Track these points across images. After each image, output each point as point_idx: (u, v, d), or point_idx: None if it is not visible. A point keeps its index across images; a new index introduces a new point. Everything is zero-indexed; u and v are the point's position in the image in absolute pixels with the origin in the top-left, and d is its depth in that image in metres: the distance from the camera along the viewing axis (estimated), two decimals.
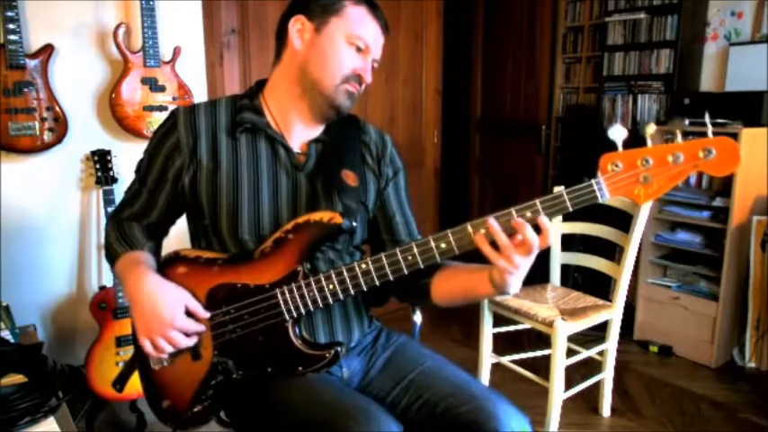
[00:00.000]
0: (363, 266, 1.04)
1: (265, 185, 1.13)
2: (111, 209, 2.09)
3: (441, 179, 3.60)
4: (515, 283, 0.99)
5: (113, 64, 2.22)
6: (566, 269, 2.63)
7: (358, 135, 1.24)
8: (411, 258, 1.01)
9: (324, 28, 1.11)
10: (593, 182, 0.93)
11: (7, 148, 2.00)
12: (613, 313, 2.16)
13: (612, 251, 2.68)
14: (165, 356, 1.10)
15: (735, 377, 2.67)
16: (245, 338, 1.09)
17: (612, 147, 0.94)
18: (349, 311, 1.21)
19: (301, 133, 1.19)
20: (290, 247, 1.07)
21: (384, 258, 1.02)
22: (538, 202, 0.95)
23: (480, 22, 4.26)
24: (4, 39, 1.93)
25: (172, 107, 2.08)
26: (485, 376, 2.33)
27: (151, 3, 2.12)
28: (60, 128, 2.08)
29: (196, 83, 2.41)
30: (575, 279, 3.18)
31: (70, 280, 2.28)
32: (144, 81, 2.18)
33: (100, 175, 2.13)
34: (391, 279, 1.03)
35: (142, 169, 1.20)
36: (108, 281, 2.27)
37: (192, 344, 1.09)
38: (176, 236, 1.31)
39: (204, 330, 1.09)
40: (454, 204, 4.40)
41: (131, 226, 1.22)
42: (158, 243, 1.27)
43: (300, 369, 1.08)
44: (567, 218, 2.17)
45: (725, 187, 2.70)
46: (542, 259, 0.99)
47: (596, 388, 2.31)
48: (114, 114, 2.17)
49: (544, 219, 0.94)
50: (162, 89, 2.22)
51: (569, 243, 2.39)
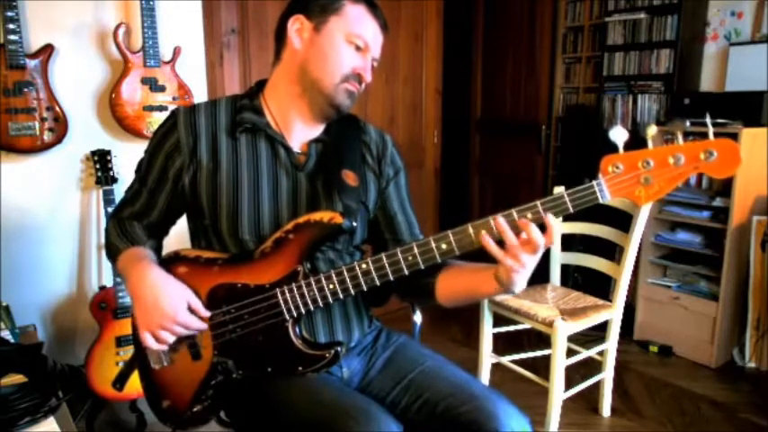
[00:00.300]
0: (364, 266, 1.04)
1: (265, 185, 1.13)
2: (111, 209, 2.09)
3: (441, 179, 3.60)
4: (521, 281, 0.99)
5: (113, 64, 2.22)
6: (566, 269, 2.63)
7: (358, 135, 1.24)
8: (411, 259, 1.01)
9: (323, 27, 1.12)
10: (593, 183, 0.93)
11: (7, 148, 2.00)
12: (613, 313, 2.16)
13: (612, 251, 2.68)
14: (164, 348, 1.10)
15: (735, 377, 2.67)
16: (245, 338, 1.09)
17: (613, 147, 0.94)
18: (349, 311, 1.21)
19: (301, 133, 1.19)
20: (291, 246, 1.07)
21: (384, 258, 1.02)
22: (539, 203, 0.95)
23: (480, 22, 4.26)
24: (4, 39, 1.93)
25: (172, 107, 2.09)
26: (485, 376, 2.33)
27: (151, 3, 2.12)
28: (60, 128, 2.08)
29: (196, 83, 2.41)
30: (575, 279, 3.18)
31: (70, 280, 2.28)
32: (144, 81, 2.18)
33: (100, 175, 2.13)
34: (392, 279, 1.03)
35: (142, 169, 1.20)
36: (108, 281, 2.26)
37: (195, 332, 1.09)
38: (176, 236, 1.31)
39: (205, 328, 1.09)
40: (454, 204, 4.40)
41: (132, 224, 1.22)
42: (159, 242, 1.27)
43: (300, 369, 1.08)
44: (567, 218, 2.17)
45: (725, 187, 2.70)
46: (542, 259, 0.99)
47: (596, 388, 2.31)
48: (114, 114, 2.17)
49: (549, 217, 0.94)
50: (162, 89, 2.22)
51: (569, 243, 2.38)
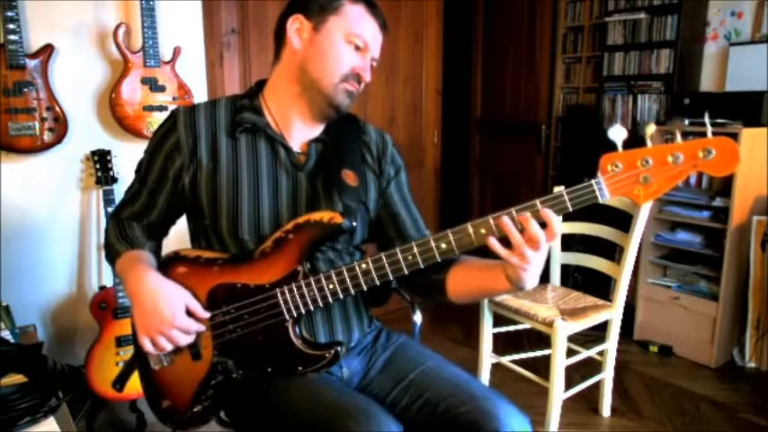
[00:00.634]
0: (363, 266, 1.04)
1: (265, 185, 1.13)
2: (111, 209, 2.09)
3: (441, 179, 3.60)
4: (531, 278, 0.99)
5: (113, 64, 2.22)
6: (566, 269, 2.63)
7: (358, 135, 1.24)
8: (411, 258, 1.01)
9: (322, 27, 1.11)
10: (593, 182, 0.93)
11: (7, 148, 2.00)
12: (613, 313, 2.16)
13: (612, 251, 2.68)
14: (164, 354, 1.10)
15: (735, 377, 2.67)
16: (245, 338, 1.09)
17: (612, 147, 0.94)
18: (349, 311, 1.21)
19: (301, 133, 1.19)
20: (291, 246, 1.07)
21: (384, 258, 1.02)
22: (538, 201, 0.95)
23: (480, 22, 4.26)
24: (4, 39, 1.93)
25: (172, 107, 2.09)
26: (485, 376, 2.33)
27: (151, 3, 2.12)
28: (60, 128, 2.08)
29: (196, 83, 2.41)
30: (575, 279, 3.18)
31: (70, 280, 2.28)
32: (144, 81, 2.18)
33: (100, 175, 2.13)
34: (391, 279, 1.03)
35: (142, 169, 1.20)
36: (108, 281, 2.27)
37: (192, 340, 1.08)
38: (176, 236, 1.31)
39: (204, 330, 1.09)
40: (454, 204, 4.40)
41: (131, 225, 1.22)
42: (158, 243, 1.27)
43: (300, 369, 1.08)
44: (567, 218, 2.17)
45: (725, 187, 2.70)
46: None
47: (596, 388, 2.31)
48: (114, 114, 2.17)
49: (548, 211, 0.94)
50: (162, 89, 2.22)
51: (569, 243, 2.38)
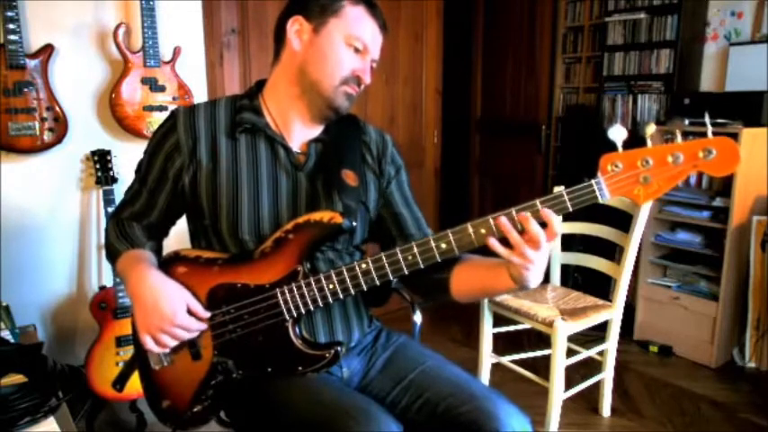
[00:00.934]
0: (363, 266, 1.04)
1: (265, 185, 1.13)
2: (111, 209, 2.09)
3: (441, 179, 3.60)
4: (534, 277, 0.99)
5: (113, 64, 2.22)
6: (566, 269, 2.63)
7: (358, 135, 1.24)
8: (411, 258, 1.01)
9: (322, 29, 1.11)
10: (593, 182, 0.93)
11: (7, 148, 2.00)
12: (613, 313, 2.16)
13: (612, 251, 2.68)
14: (165, 351, 1.10)
15: (735, 377, 2.67)
16: (245, 338, 1.09)
17: (612, 147, 0.94)
18: (349, 311, 1.21)
19: (301, 133, 1.19)
20: (291, 246, 1.07)
21: (384, 258, 1.02)
22: (538, 202, 0.95)
23: (480, 22, 4.26)
24: (4, 39, 1.93)
25: (172, 107, 2.09)
26: (485, 376, 2.33)
27: (151, 3, 2.12)
28: (60, 128, 2.08)
29: (196, 83, 2.41)
30: (575, 279, 3.18)
31: (70, 280, 2.28)
32: (144, 81, 2.18)
33: (100, 175, 2.13)
34: (392, 279, 1.03)
35: (142, 169, 1.20)
36: (108, 281, 2.26)
37: (195, 335, 1.08)
38: (176, 236, 1.31)
39: (205, 329, 1.09)
40: (454, 204, 4.40)
41: (132, 225, 1.22)
42: (159, 243, 1.27)
43: (300, 369, 1.08)
44: (567, 218, 2.17)
45: (725, 187, 2.70)
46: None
47: (596, 388, 2.31)
48: (114, 114, 2.17)
49: (547, 211, 0.94)
50: (162, 89, 2.22)
51: (569, 243, 2.38)
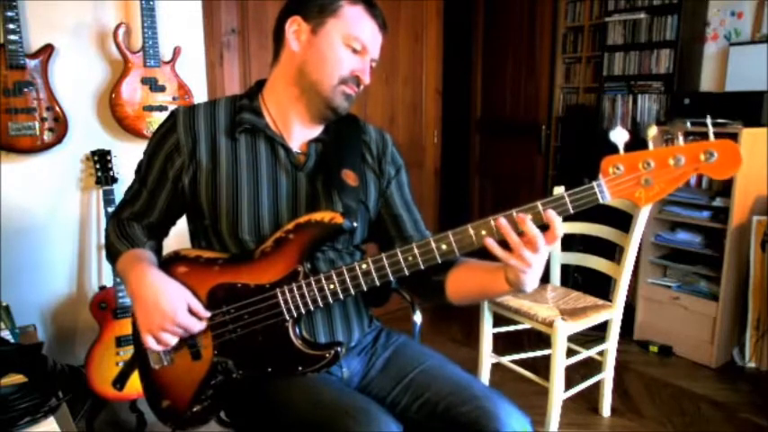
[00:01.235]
0: (364, 267, 1.03)
1: (265, 185, 1.13)
2: (111, 209, 2.09)
3: (441, 179, 3.60)
4: (531, 280, 0.98)
5: (113, 64, 2.22)
6: (566, 269, 2.63)
7: (358, 135, 1.24)
8: (412, 259, 1.01)
9: (320, 29, 1.11)
10: (594, 184, 0.93)
11: (7, 148, 2.00)
12: (613, 313, 2.16)
13: (612, 251, 2.68)
14: (166, 349, 1.10)
15: (735, 377, 2.67)
16: (245, 338, 1.09)
17: (613, 147, 0.94)
18: (349, 311, 1.21)
19: (301, 133, 1.18)
20: (291, 246, 1.07)
21: (385, 259, 1.02)
22: (539, 204, 0.95)
23: (480, 22, 4.26)
24: (4, 39, 1.93)
25: (172, 107, 2.08)
26: (485, 376, 2.33)
27: (151, 3, 2.12)
28: (60, 128, 2.08)
29: (196, 83, 2.41)
30: (575, 279, 3.18)
31: (70, 280, 2.27)
32: (144, 81, 2.18)
33: (100, 175, 2.13)
34: (392, 279, 1.03)
35: (142, 169, 1.20)
36: (108, 281, 2.26)
37: (196, 331, 1.08)
38: (176, 236, 1.31)
39: (205, 329, 1.09)
40: (454, 204, 4.40)
41: (132, 225, 1.22)
42: (159, 242, 1.26)
43: (300, 369, 1.08)
44: (567, 218, 2.16)
45: (725, 187, 2.69)
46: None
47: (596, 388, 2.31)
48: (114, 114, 2.17)
49: (551, 213, 0.93)
50: (162, 89, 2.22)
51: (569, 243, 2.38)
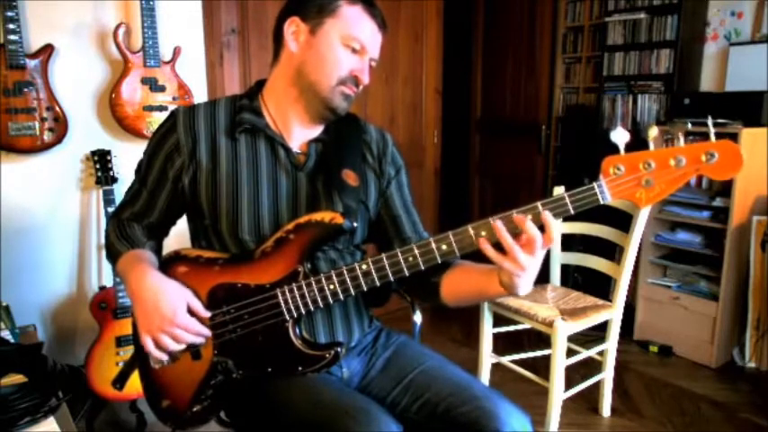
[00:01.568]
0: (364, 267, 1.03)
1: (265, 185, 1.13)
2: (111, 209, 2.09)
3: (441, 179, 3.60)
4: (525, 284, 0.98)
5: (113, 64, 2.22)
6: (566, 269, 2.63)
7: (358, 134, 1.24)
8: (412, 259, 1.01)
9: (319, 29, 1.11)
10: (594, 185, 0.93)
11: (7, 148, 2.00)
12: (613, 313, 2.16)
13: (612, 251, 2.68)
14: (165, 357, 1.10)
15: (735, 377, 2.67)
16: (245, 338, 1.09)
17: (613, 147, 0.94)
18: (349, 311, 1.21)
19: (301, 133, 1.18)
20: (291, 246, 1.07)
21: (385, 259, 1.02)
22: (539, 204, 0.94)
23: (480, 22, 4.26)
24: (4, 39, 1.93)
25: (172, 107, 2.08)
26: (485, 376, 2.33)
27: (151, 3, 2.12)
28: (60, 128, 2.08)
29: (196, 83, 2.41)
30: (575, 279, 3.18)
31: (70, 280, 2.27)
32: (144, 81, 2.18)
33: (100, 175, 2.13)
34: (392, 280, 1.03)
35: (142, 169, 1.20)
36: (108, 281, 2.26)
37: (195, 341, 1.08)
38: (176, 236, 1.31)
39: (207, 333, 1.09)
40: (454, 204, 4.40)
41: (132, 226, 1.22)
42: (159, 242, 1.27)
43: (300, 369, 1.08)
44: (567, 218, 2.16)
45: (725, 187, 2.69)
46: (542, 259, 0.99)
47: (596, 388, 2.31)
48: (114, 114, 2.16)
49: (547, 215, 0.93)
50: (162, 89, 2.22)
51: (569, 243, 2.38)
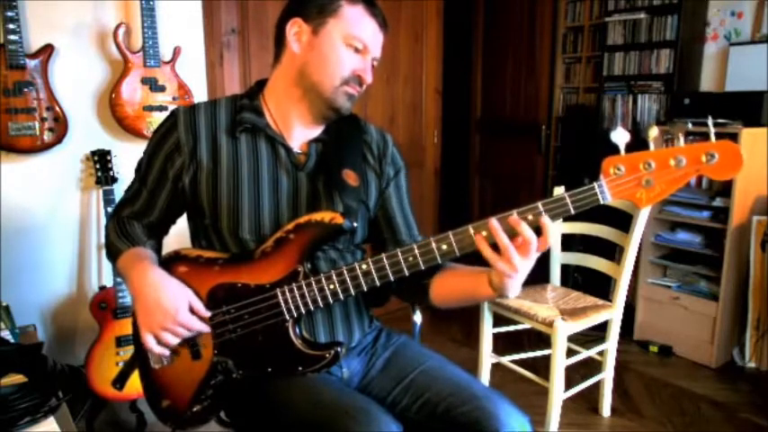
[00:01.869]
0: (364, 267, 1.03)
1: (266, 185, 1.13)
2: (111, 209, 2.09)
3: (441, 179, 3.60)
4: (514, 286, 0.99)
5: (113, 64, 2.22)
6: (566, 269, 2.63)
7: (359, 134, 1.24)
8: (412, 259, 1.01)
9: (321, 30, 1.11)
10: (594, 185, 0.93)
11: (7, 148, 2.00)
12: (613, 313, 2.16)
13: (612, 251, 2.68)
14: (166, 353, 1.10)
15: (735, 377, 2.67)
16: (245, 338, 1.09)
17: (613, 147, 0.94)
18: (349, 311, 1.21)
19: (301, 133, 1.19)
20: (291, 246, 1.07)
21: (385, 259, 1.02)
22: (540, 204, 0.95)
23: (480, 22, 4.26)
24: (4, 39, 1.93)
25: (172, 107, 2.08)
26: (485, 376, 2.33)
27: (151, 3, 2.12)
28: (60, 128, 2.08)
29: (196, 83, 2.41)
30: (575, 279, 3.18)
31: (70, 280, 2.27)
32: (144, 81, 2.18)
33: (100, 175, 2.13)
34: (392, 280, 1.03)
35: (142, 169, 1.20)
36: (108, 281, 2.26)
37: (198, 331, 1.08)
38: (176, 235, 1.31)
39: (207, 330, 1.09)
40: (454, 204, 4.40)
41: (132, 224, 1.22)
42: (159, 241, 1.26)
43: (300, 369, 1.08)
44: (567, 218, 2.16)
45: (725, 187, 2.69)
46: (542, 259, 0.99)
47: (596, 388, 2.31)
48: (114, 114, 2.16)
49: (546, 219, 0.93)
50: (162, 89, 2.22)
51: (569, 243, 2.38)
